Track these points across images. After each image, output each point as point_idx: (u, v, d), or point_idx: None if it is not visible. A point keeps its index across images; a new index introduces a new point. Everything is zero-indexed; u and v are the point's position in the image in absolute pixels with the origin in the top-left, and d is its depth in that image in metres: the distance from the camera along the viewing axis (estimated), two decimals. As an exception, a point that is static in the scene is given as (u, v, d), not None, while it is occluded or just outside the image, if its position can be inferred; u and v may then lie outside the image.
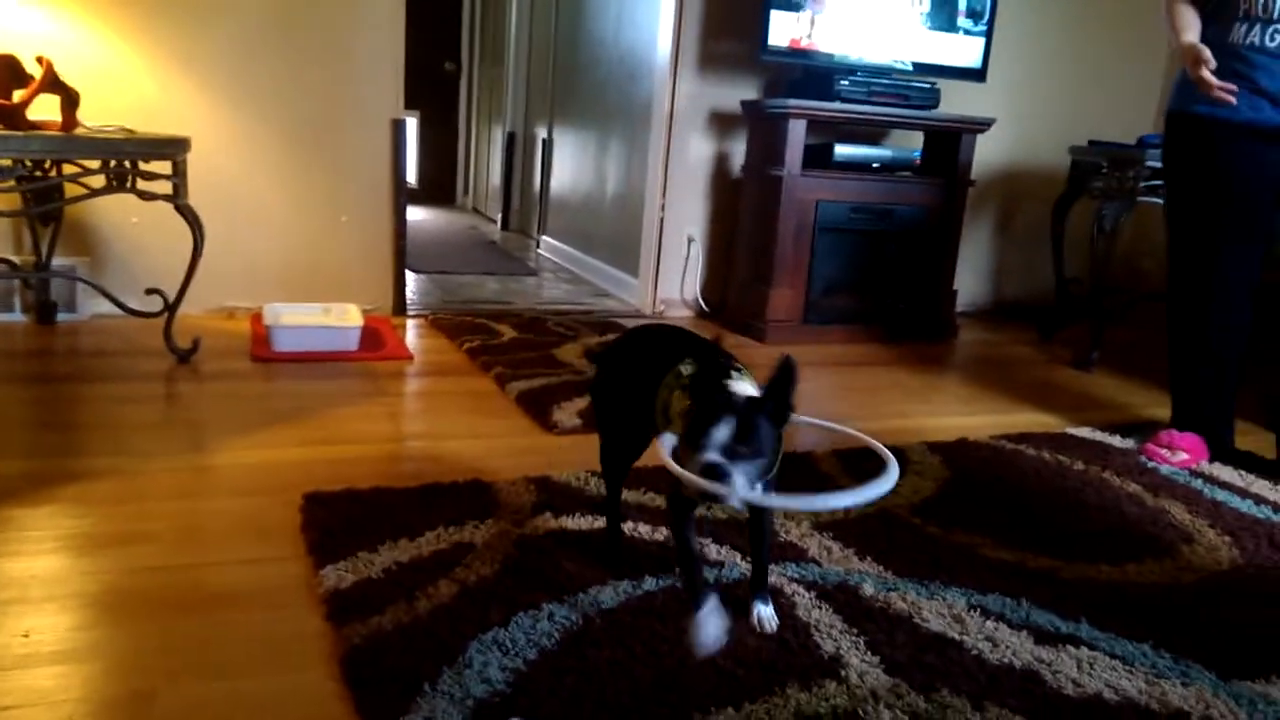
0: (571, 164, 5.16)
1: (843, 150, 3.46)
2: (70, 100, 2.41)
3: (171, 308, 2.64)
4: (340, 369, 2.65)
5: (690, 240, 3.79)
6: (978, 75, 3.67)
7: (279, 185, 3.20)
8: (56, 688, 1.18)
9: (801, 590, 1.53)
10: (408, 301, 3.54)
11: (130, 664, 1.24)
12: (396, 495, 1.78)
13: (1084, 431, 2.53)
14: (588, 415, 2.29)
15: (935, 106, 3.57)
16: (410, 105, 3.30)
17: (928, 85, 3.56)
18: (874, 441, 1.40)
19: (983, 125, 3.61)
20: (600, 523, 1.71)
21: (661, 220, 3.77)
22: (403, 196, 3.39)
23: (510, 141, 6.33)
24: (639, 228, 3.91)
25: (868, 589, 1.55)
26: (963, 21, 3.59)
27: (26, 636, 1.28)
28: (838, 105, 3.38)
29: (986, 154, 3.82)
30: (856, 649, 1.37)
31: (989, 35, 3.62)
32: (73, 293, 2.98)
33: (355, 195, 3.30)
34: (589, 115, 4.86)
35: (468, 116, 7.74)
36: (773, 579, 1.56)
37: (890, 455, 1.29)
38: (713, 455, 1.15)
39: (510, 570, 1.52)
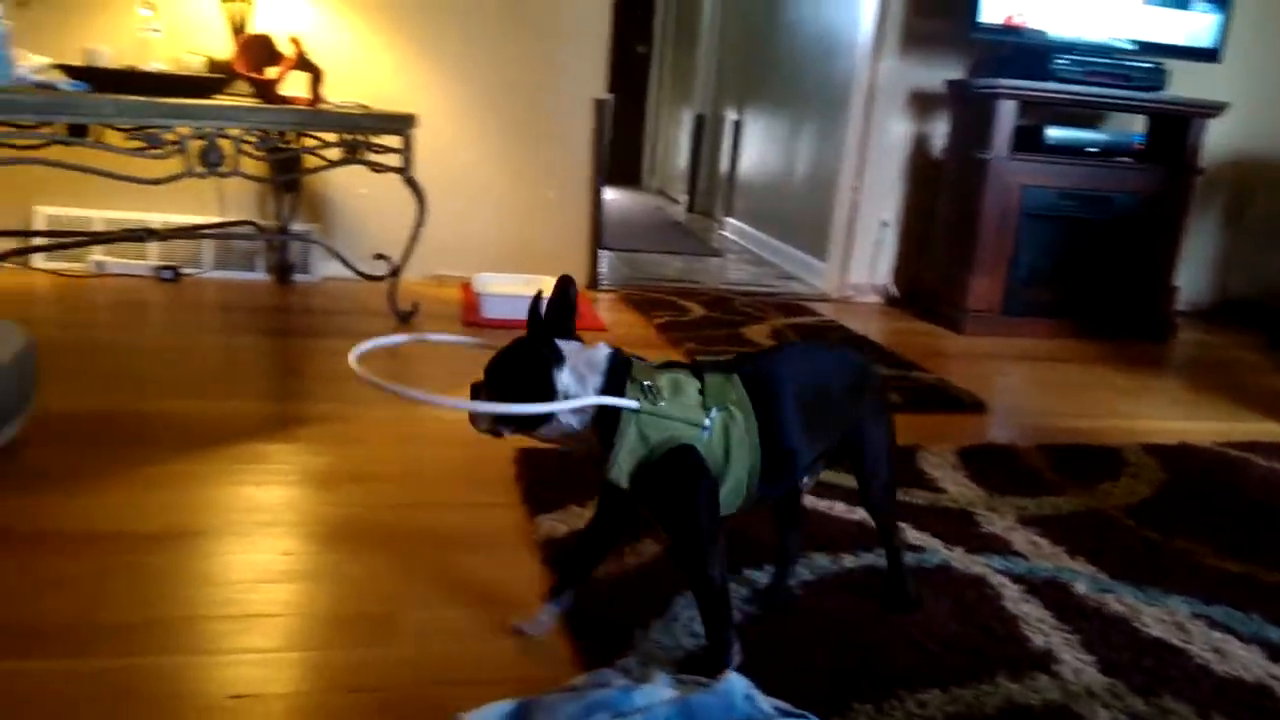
0: (761, 146, 5.14)
1: (1055, 133, 3.28)
2: (316, 77, 2.63)
3: (396, 272, 2.84)
4: (540, 337, 2.77)
5: (883, 224, 3.71)
6: (1211, 55, 3.39)
7: (493, 161, 3.38)
8: (310, 601, 1.31)
9: (1008, 583, 1.49)
10: (599, 277, 3.65)
11: (369, 589, 1.36)
12: (599, 457, 1.85)
13: (1324, 444, 2.32)
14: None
15: (1161, 88, 3.33)
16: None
17: (1152, 65, 3.32)
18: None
19: (1214, 109, 3.34)
20: (806, 501, 1.72)
21: (854, 203, 3.70)
22: (602, 175, 3.49)
23: (699, 123, 6.37)
24: (829, 210, 3.86)
25: (1080, 588, 1.49)
26: (1197, -4, 3.33)
27: (286, 555, 1.43)
28: (1052, 85, 3.21)
29: (1218, 140, 3.53)
30: (1069, 646, 1.32)
31: (1226, 11, 3.33)
32: (307, 256, 3.26)
33: (559, 173, 3.44)
34: (782, 97, 4.82)
35: (657, 99, 7.85)
36: (976, 568, 1.52)
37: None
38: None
39: (710, 535, 1.55)
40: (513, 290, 3.05)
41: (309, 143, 2.80)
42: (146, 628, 1.22)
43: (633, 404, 1.10)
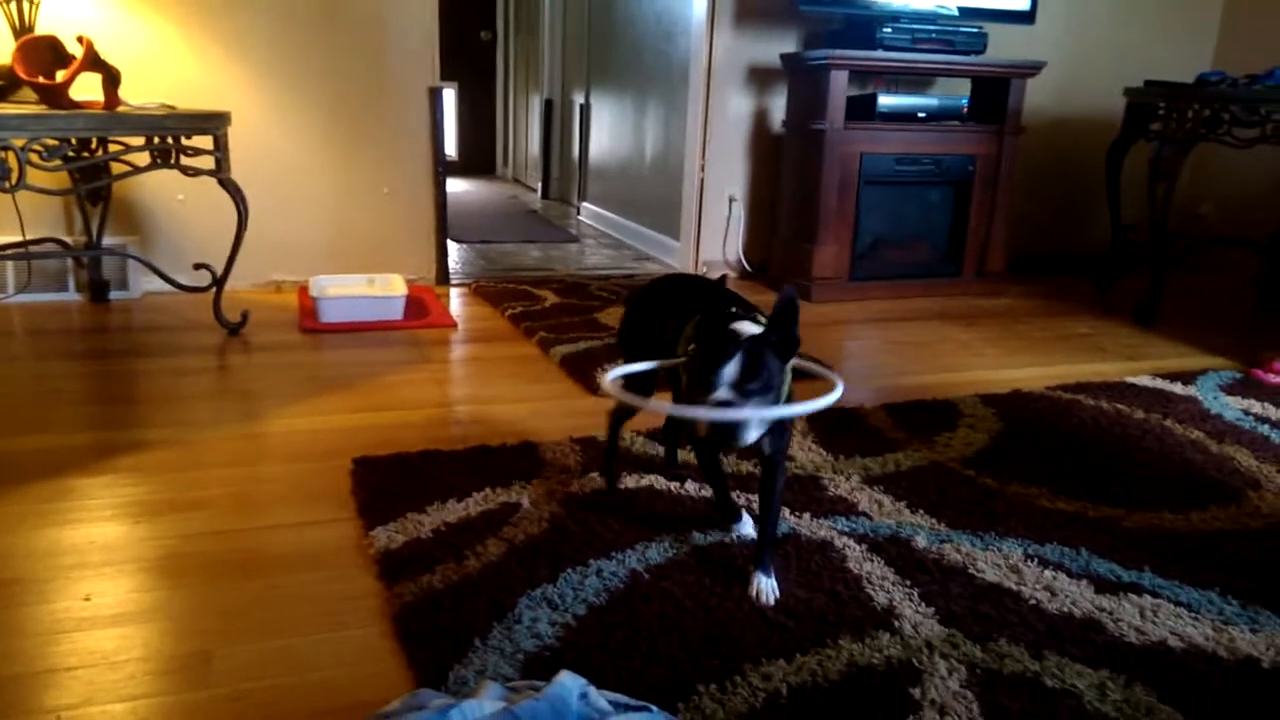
0: (610, 129, 5.11)
1: (886, 100, 3.37)
2: (111, 78, 2.43)
3: (219, 282, 2.67)
4: (386, 338, 2.67)
5: (731, 200, 3.73)
6: (1026, 17, 3.55)
7: (320, 158, 3.22)
8: (117, 649, 1.20)
9: (852, 543, 1.51)
10: (450, 271, 3.54)
11: (188, 626, 1.26)
12: (444, 458, 1.78)
13: (1144, 380, 2.46)
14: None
15: (982, 52, 3.46)
16: (447, 77, 3.29)
17: (974, 30, 3.44)
18: (829, 372, 1.45)
19: (1032, 69, 3.49)
20: (645, 481, 1.70)
21: (702, 181, 3.72)
22: (442, 166, 3.38)
23: (548, 109, 6.29)
24: (679, 190, 3.86)
25: (920, 541, 1.52)
26: (1009, -39, 3.46)
27: (88, 600, 1.31)
28: (880, 54, 3.29)
29: (1037, 99, 3.70)
30: (910, 600, 1.34)
31: (1037, -26, 3.49)
32: (124, 271, 3.03)
33: (396, 166, 3.31)
34: (626, 79, 4.80)
35: (505, 86, 7.71)
36: (822, 532, 1.54)
37: (839, 378, 1.34)
38: (724, 393, 1.16)
39: (557, 529, 1.52)
40: (351, 291, 2.93)
41: (114, 149, 2.60)
42: (-73, 698, 1.09)
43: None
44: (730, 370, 1.16)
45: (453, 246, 3.99)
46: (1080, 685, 1.16)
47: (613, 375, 1.35)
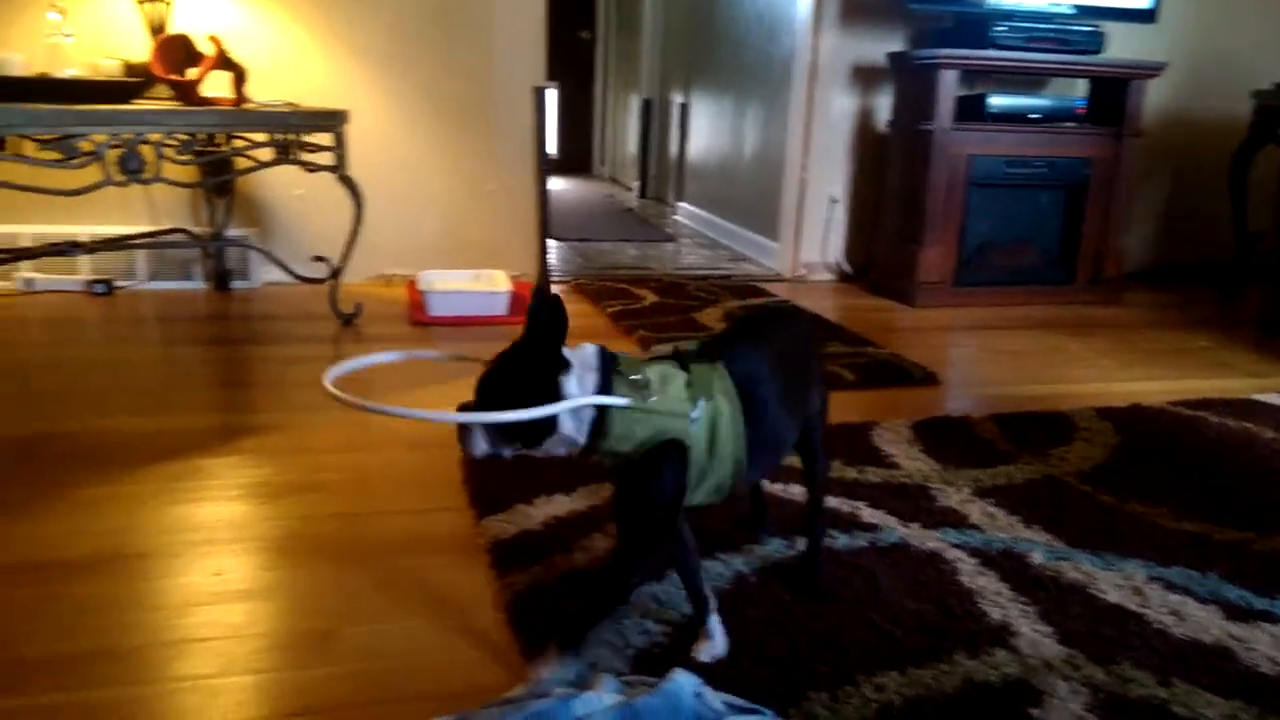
0: (708, 128, 5.11)
1: (997, 100, 3.28)
2: (239, 76, 2.54)
3: (336, 274, 2.77)
4: (490, 332, 2.72)
5: (833, 201, 3.69)
6: (1147, 16, 3.41)
7: (429, 155, 3.30)
8: (246, 623, 1.26)
9: (964, 557, 1.47)
10: (550, 268, 3.59)
11: (311, 604, 1.31)
12: (549, 452, 1.81)
13: (1272, 398, 2.34)
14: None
15: (1100, 51, 3.34)
16: (547, 76, 3.35)
17: (1091, 29, 3.32)
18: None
19: (1153, 70, 3.35)
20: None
21: (802, 181, 3.68)
22: (545, 164, 3.43)
23: (646, 108, 6.32)
24: (778, 190, 3.83)
25: (1036, 557, 1.48)
26: (1133, -42, 3.33)
27: (218, 575, 1.37)
28: (993, 53, 3.21)
29: (1158, 101, 3.55)
30: (1026, 618, 1.31)
31: (1163, -30, 3.35)
32: (245, 261, 3.17)
33: (501, 164, 3.37)
34: (726, 78, 4.79)
35: (604, 86, 7.78)
36: (931, 544, 1.51)
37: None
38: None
39: (663, 527, 1.52)
40: (459, 286, 2.99)
41: (238, 144, 2.72)
42: (76, 661, 1.16)
43: (624, 401, 1.06)
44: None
45: (552, 244, 4.04)
46: (1211, 715, 1.11)
47: (332, 374, 1.09)
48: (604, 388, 1.06)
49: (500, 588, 1.33)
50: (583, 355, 1.08)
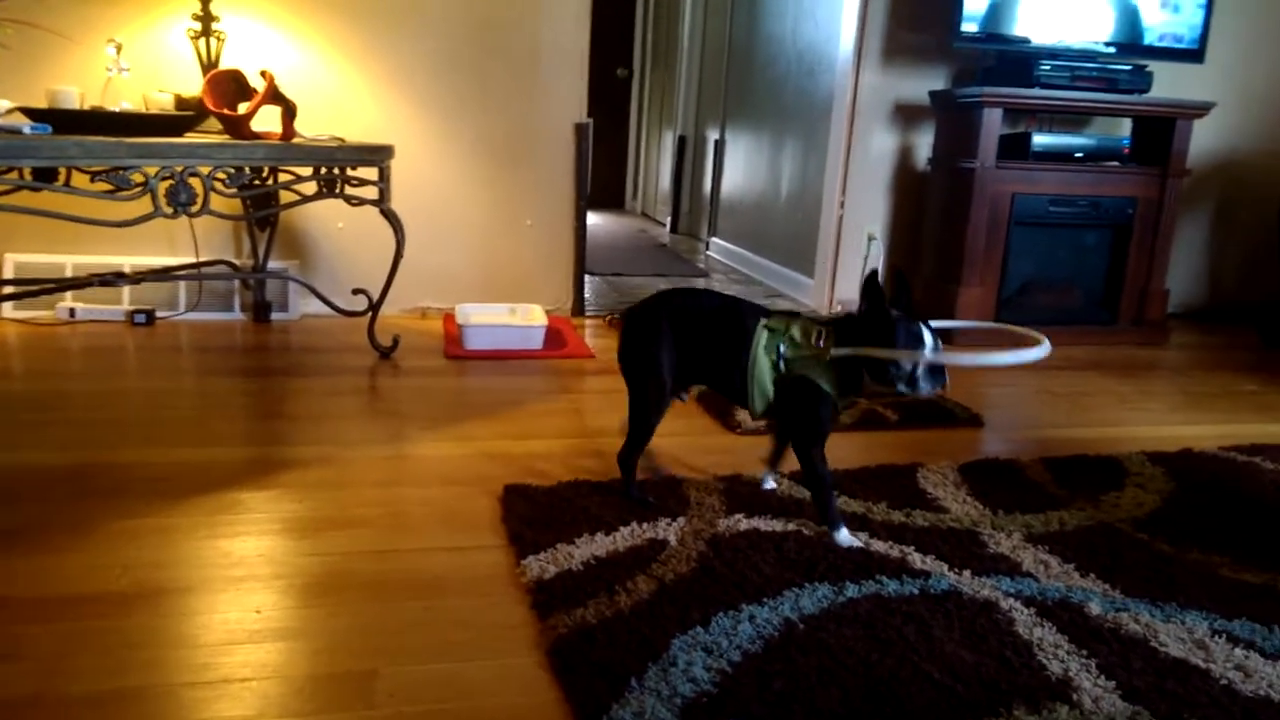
0: (744, 165, 5.11)
1: (1041, 139, 3.25)
2: (289, 111, 2.58)
3: (375, 307, 2.78)
4: (526, 366, 2.72)
5: (871, 238, 3.66)
6: (1194, 56, 3.37)
7: (469, 190, 3.33)
8: (286, 662, 1.24)
9: (1019, 606, 1.43)
10: (585, 302, 3.59)
11: (353, 643, 1.29)
12: (589, 489, 1.79)
13: (1331, 444, 2.27)
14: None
15: (1146, 90, 3.30)
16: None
17: (1138, 68, 3.29)
18: (1020, 329, 1.72)
19: (1200, 110, 3.31)
20: (793, 526, 1.66)
21: (840, 218, 3.66)
22: (584, 200, 3.44)
23: (681, 145, 6.35)
24: (815, 227, 3.82)
25: (1094, 608, 1.43)
26: (1178, -3, 3.31)
27: (259, 613, 1.36)
28: (1038, 92, 3.18)
29: (1204, 141, 3.51)
30: (1087, 671, 1.26)
31: (1208, 10, 3.32)
32: (285, 293, 3.20)
33: (539, 199, 3.39)
34: (764, 115, 4.80)
35: (638, 121, 7.83)
36: (985, 592, 1.46)
37: (1044, 339, 1.58)
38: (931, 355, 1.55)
39: (706, 570, 1.49)
40: (495, 320, 3.00)
41: (283, 178, 2.75)
42: (115, 699, 1.15)
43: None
44: (929, 336, 1.55)
45: (586, 279, 4.03)
46: (1288, 781, 1.06)
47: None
48: None
49: (542, 629, 1.31)
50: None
